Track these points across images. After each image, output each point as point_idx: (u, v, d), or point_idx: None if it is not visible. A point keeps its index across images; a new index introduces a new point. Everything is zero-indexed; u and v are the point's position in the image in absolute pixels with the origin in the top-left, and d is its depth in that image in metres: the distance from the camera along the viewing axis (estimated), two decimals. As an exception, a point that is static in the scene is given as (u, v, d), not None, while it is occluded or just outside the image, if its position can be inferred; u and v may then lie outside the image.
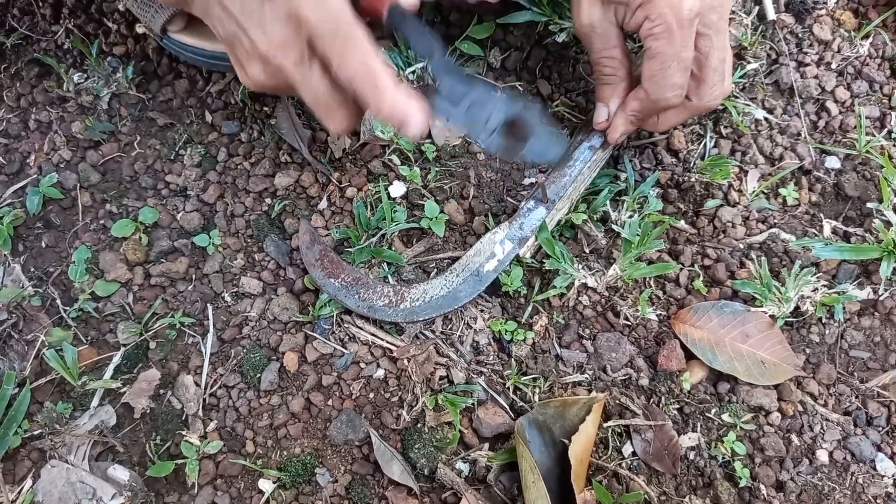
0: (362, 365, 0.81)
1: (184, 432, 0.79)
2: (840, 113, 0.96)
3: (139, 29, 0.93)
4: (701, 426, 0.80)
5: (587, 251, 0.87)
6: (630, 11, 0.73)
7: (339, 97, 0.64)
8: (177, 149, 0.93)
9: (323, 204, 0.89)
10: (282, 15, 0.59)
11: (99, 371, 0.82)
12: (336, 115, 0.66)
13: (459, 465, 0.77)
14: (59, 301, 0.84)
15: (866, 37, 1.00)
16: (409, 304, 0.82)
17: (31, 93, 0.95)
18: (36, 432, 0.78)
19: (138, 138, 0.93)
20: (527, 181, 0.91)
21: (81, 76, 0.95)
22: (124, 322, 0.83)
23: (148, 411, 0.80)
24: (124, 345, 0.82)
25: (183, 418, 0.80)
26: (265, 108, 0.94)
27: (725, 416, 0.80)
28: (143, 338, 0.83)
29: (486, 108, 0.66)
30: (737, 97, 0.96)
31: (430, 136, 0.92)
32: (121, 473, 0.77)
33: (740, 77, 0.96)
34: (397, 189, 0.89)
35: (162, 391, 0.81)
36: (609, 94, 0.81)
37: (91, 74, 0.94)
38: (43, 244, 0.88)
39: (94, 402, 0.80)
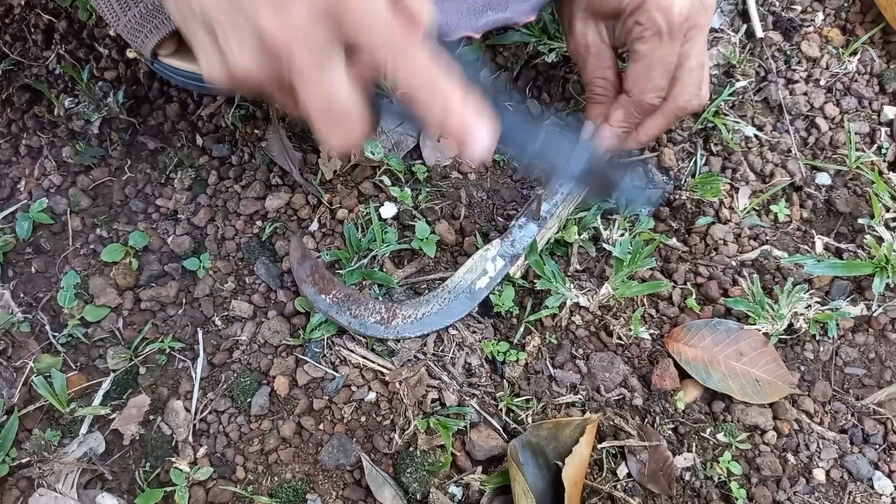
0: (353, 388, 0.81)
1: (173, 459, 0.78)
2: (830, 129, 0.96)
3: (130, 54, 0.93)
4: (696, 446, 0.79)
5: (579, 269, 0.87)
6: (621, 23, 0.74)
7: (353, 108, 0.54)
8: (167, 172, 0.93)
9: (314, 226, 0.89)
10: (317, 5, 0.48)
11: (88, 397, 0.81)
12: (341, 129, 0.54)
13: (452, 489, 0.76)
14: (48, 327, 0.84)
15: (854, 53, 1.00)
16: (400, 322, 0.82)
17: (22, 118, 0.96)
18: (24, 460, 0.77)
19: (129, 162, 0.93)
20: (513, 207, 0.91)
21: (72, 101, 0.95)
22: (114, 347, 0.83)
23: (137, 438, 0.79)
24: (114, 370, 0.82)
25: (172, 444, 0.79)
26: (256, 131, 0.95)
27: (721, 436, 0.79)
28: (132, 363, 0.82)
29: (559, 153, 0.65)
30: (726, 114, 0.96)
31: (420, 156, 0.92)
32: (109, 502, 0.76)
33: (729, 95, 0.96)
34: (388, 210, 0.89)
35: (152, 417, 0.80)
36: (599, 113, 0.82)
37: (82, 99, 0.94)
38: (32, 269, 0.87)
39: (83, 429, 0.79)
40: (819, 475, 0.78)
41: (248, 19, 0.48)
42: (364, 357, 0.82)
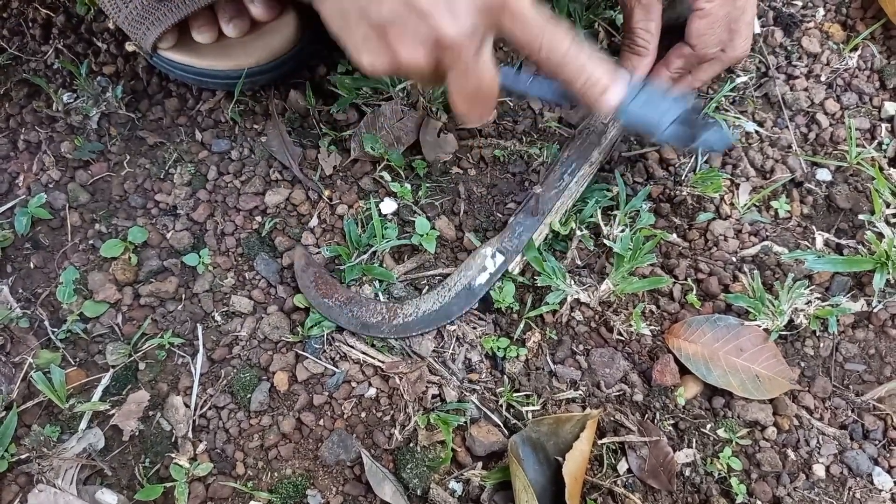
0: (353, 384, 0.81)
1: (173, 455, 0.78)
2: (830, 125, 0.96)
3: (129, 47, 0.93)
4: (696, 442, 0.79)
5: (580, 265, 0.87)
6: None
7: (495, 88, 0.67)
8: (167, 167, 0.92)
9: (314, 221, 0.89)
10: (480, 2, 0.59)
11: (87, 393, 0.81)
12: (483, 106, 0.69)
13: (452, 484, 0.76)
14: (47, 322, 0.83)
15: (855, 49, 1.00)
16: (401, 320, 0.82)
17: (21, 113, 0.95)
18: (23, 456, 0.77)
19: (128, 157, 0.93)
20: (511, 204, 0.91)
21: (71, 96, 0.95)
22: (113, 343, 0.83)
23: (137, 433, 0.79)
24: (113, 366, 0.82)
25: (172, 440, 0.79)
26: (255, 126, 0.94)
27: (721, 432, 0.79)
28: (132, 359, 0.82)
29: (659, 107, 0.73)
30: (727, 110, 0.96)
31: (420, 151, 0.92)
32: (109, 497, 0.76)
33: (730, 90, 0.96)
34: (388, 206, 0.89)
35: (151, 413, 0.80)
36: (635, 65, 0.85)
37: (80, 94, 0.94)
38: (31, 265, 0.87)
39: (83, 424, 0.79)
40: (819, 471, 0.79)
41: (428, 24, 0.59)
42: (364, 353, 0.82)
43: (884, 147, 0.94)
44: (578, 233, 0.86)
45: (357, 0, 0.61)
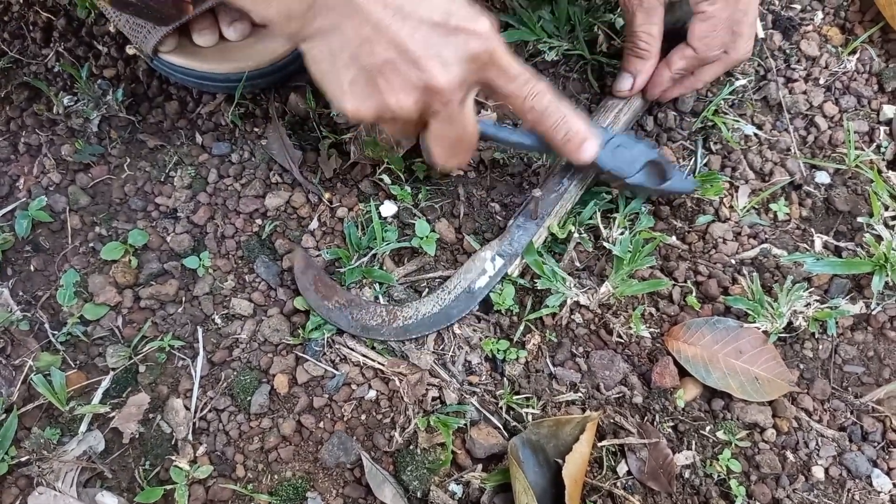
0: (354, 386, 0.81)
1: (173, 457, 0.78)
2: (829, 128, 0.96)
3: (130, 50, 0.93)
4: (696, 444, 0.79)
5: (580, 267, 0.87)
6: None
7: (475, 135, 0.71)
8: (167, 171, 0.93)
9: (314, 224, 0.89)
10: (467, 53, 0.62)
11: (87, 396, 0.81)
12: (462, 153, 0.72)
13: (452, 486, 0.76)
14: (47, 325, 0.84)
15: (853, 52, 1.01)
16: (401, 323, 0.82)
17: (21, 116, 0.95)
18: (23, 459, 0.77)
19: (128, 160, 0.93)
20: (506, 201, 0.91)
21: (71, 99, 0.95)
22: (113, 346, 0.83)
23: (137, 436, 0.79)
24: (113, 369, 0.82)
25: (172, 443, 0.79)
26: (256, 129, 0.94)
27: (720, 434, 0.79)
28: (132, 361, 0.82)
29: (629, 153, 0.81)
30: (726, 113, 0.96)
31: (420, 154, 0.92)
32: (109, 500, 0.76)
33: (729, 93, 0.96)
34: (388, 209, 0.89)
35: (151, 415, 0.80)
36: (638, 68, 0.86)
37: (81, 97, 0.94)
38: (31, 268, 0.87)
39: (83, 427, 0.79)
40: (818, 473, 0.79)
41: (419, 70, 0.61)
42: (364, 355, 0.82)
43: (882, 150, 0.95)
44: (576, 235, 0.86)
45: (348, 44, 0.61)
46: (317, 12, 0.61)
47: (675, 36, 0.86)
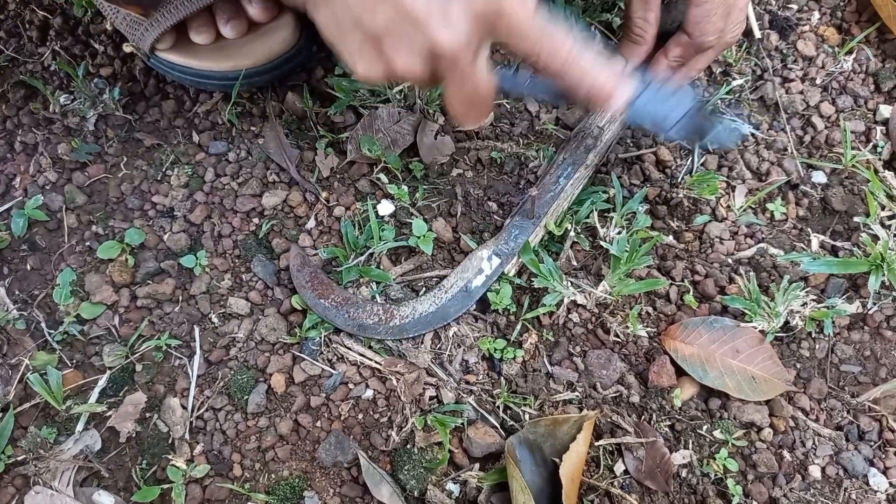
0: (351, 386, 0.81)
1: (170, 456, 0.77)
2: (825, 128, 0.97)
3: (126, 48, 0.93)
4: (693, 443, 0.79)
5: (577, 267, 0.87)
6: None
7: (491, 92, 0.67)
8: (164, 169, 0.92)
9: (311, 223, 0.89)
10: (473, 11, 0.58)
11: (84, 395, 0.81)
12: (479, 110, 0.68)
13: (450, 486, 0.76)
14: (43, 324, 0.83)
15: (850, 52, 1.01)
16: (398, 322, 0.82)
17: (17, 115, 0.95)
18: (20, 458, 0.77)
19: (125, 159, 0.93)
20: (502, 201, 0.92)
21: (68, 98, 0.95)
22: (110, 345, 0.83)
23: (134, 435, 0.79)
24: (110, 368, 0.82)
25: (169, 442, 0.79)
26: (253, 128, 0.94)
27: (717, 433, 0.80)
28: (128, 360, 0.82)
29: (665, 104, 0.74)
30: (723, 113, 0.96)
31: (417, 153, 0.92)
32: (106, 499, 0.76)
33: (726, 93, 0.96)
34: (385, 208, 0.89)
35: (148, 414, 0.80)
36: (632, 53, 0.87)
37: (77, 96, 0.94)
38: (28, 267, 0.87)
39: (79, 426, 0.79)
40: (815, 472, 0.79)
41: (423, 33, 0.58)
42: (361, 354, 0.82)
43: (879, 150, 0.95)
44: (573, 234, 0.86)
45: (351, 9, 0.60)
46: None
47: (668, 38, 0.86)
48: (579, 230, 0.87)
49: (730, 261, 0.88)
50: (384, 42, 0.60)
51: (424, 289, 0.86)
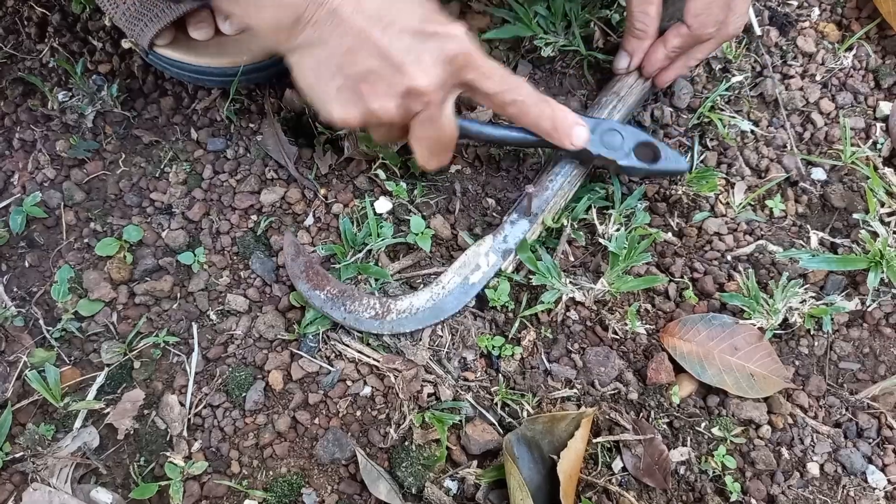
0: (349, 383, 0.81)
1: (168, 453, 0.77)
2: (825, 124, 0.96)
3: (125, 45, 0.92)
4: (691, 440, 0.79)
5: (575, 263, 0.87)
6: None
7: (454, 136, 0.74)
8: (162, 166, 0.92)
9: (309, 220, 0.89)
10: (445, 55, 0.66)
11: (82, 392, 0.81)
12: (442, 153, 0.75)
13: (448, 483, 0.76)
14: (41, 321, 0.83)
15: (850, 49, 1.01)
16: (395, 317, 0.82)
17: (15, 112, 0.95)
18: (18, 455, 0.77)
19: (123, 156, 0.93)
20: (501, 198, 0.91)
21: (66, 95, 0.95)
22: (108, 342, 0.83)
23: (132, 432, 0.79)
24: (108, 365, 0.82)
25: (167, 439, 0.79)
26: (251, 125, 0.94)
27: (715, 430, 0.79)
28: (127, 357, 0.82)
29: (619, 135, 0.82)
30: (722, 110, 0.96)
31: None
32: (104, 496, 0.76)
33: (725, 90, 0.96)
34: (383, 205, 0.89)
35: (146, 411, 0.80)
36: (634, 47, 0.88)
37: (76, 93, 0.94)
38: (26, 264, 0.87)
39: (77, 423, 0.79)
40: (813, 469, 0.79)
41: (401, 75, 0.65)
42: (359, 351, 0.82)
43: (878, 146, 0.95)
44: (569, 230, 0.86)
45: (333, 55, 0.65)
46: (304, 25, 0.64)
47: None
48: (576, 226, 0.87)
49: (729, 258, 0.88)
50: (364, 85, 0.66)
51: (422, 285, 0.86)
